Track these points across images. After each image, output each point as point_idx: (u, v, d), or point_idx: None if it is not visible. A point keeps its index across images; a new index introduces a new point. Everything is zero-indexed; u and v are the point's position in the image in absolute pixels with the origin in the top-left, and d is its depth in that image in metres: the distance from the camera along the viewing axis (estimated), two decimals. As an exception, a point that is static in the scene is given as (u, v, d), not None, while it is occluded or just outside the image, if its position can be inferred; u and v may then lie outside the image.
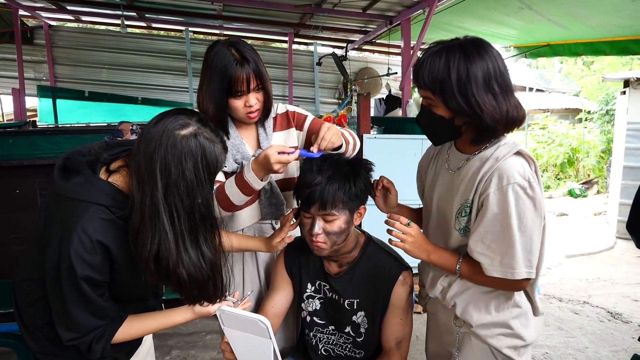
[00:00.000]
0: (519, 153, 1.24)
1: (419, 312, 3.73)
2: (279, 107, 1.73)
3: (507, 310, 1.34)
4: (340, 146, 1.50)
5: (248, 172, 1.43)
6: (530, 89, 11.69)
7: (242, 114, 1.54)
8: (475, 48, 1.19)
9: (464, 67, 1.16)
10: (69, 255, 1.08)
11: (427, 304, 1.59)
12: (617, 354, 3.15)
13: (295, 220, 1.51)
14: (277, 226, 1.71)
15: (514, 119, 1.21)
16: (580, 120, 11.38)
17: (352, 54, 7.68)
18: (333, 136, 1.43)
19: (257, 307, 1.69)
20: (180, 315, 1.34)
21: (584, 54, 5.23)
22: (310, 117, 1.73)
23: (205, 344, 3.28)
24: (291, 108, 1.75)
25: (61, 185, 1.18)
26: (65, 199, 1.16)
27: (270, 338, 1.21)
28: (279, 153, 1.37)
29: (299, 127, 1.72)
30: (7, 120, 8.30)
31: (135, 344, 1.38)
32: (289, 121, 1.72)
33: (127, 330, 1.25)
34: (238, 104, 1.51)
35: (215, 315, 1.32)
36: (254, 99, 1.52)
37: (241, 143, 1.61)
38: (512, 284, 1.26)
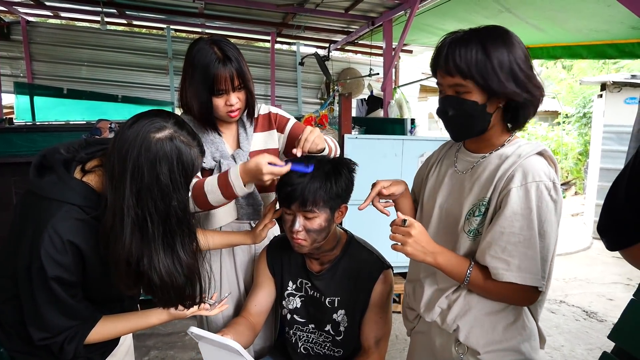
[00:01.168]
0: (541, 153, 1.18)
1: (399, 312, 3.76)
2: (261, 108, 1.71)
3: (516, 333, 1.22)
4: (323, 149, 1.50)
5: (236, 177, 1.39)
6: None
7: (222, 113, 1.53)
8: (505, 32, 1.16)
9: (502, 48, 1.11)
10: (39, 255, 1.07)
11: (415, 327, 1.48)
12: (592, 352, 3.22)
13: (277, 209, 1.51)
14: (255, 226, 1.70)
15: (540, 101, 1.18)
16: (558, 123, 11.60)
17: (334, 54, 7.70)
18: (316, 138, 1.43)
19: (238, 307, 1.68)
20: (155, 316, 1.33)
21: (562, 57, 5.32)
22: (292, 121, 1.73)
23: (184, 344, 3.25)
24: (274, 110, 1.74)
25: (35, 182, 1.16)
26: (38, 197, 1.14)
27: (243, 356, 1.20)
28: (270, 164, 1.35)
29: (280, 130, 1.71)
30: (-18, 118, 8.13)
31: (111, 344, 1.35)
32: (270, 123, 1.71)
33: (100, 330, 1.23)
34: (219, 102, 1.50)
35: (192, 315, 1.31)
36: (235, 98, 1.51)
37: (221, 142, 1.60)
38: (524, 294, 1.16)
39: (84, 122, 5.66)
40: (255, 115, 1.68)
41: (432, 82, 11.52)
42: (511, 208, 1.11)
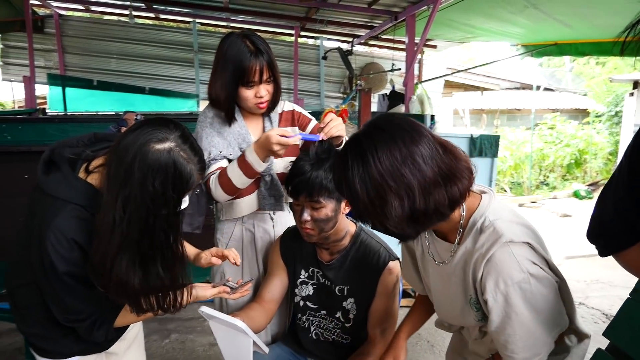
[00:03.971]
0: (505, 244, 1.06)
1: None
2: (285, 105, 1.79)
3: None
4: (342, 139, 1.56)
5: (250, 153, 1.50)
6: (538, 88, 11.61)
7: (251, 104, 1.60)
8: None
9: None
10: (47, 252, 1.09)
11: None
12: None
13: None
14: (275, 216, 1.77)
15: (464, 177, 1.07)
16: (588, 122, 11.31)
17: (358, 48, 7.68)
18: (338, 124, 1.51)
19: (255, 292, 1.76)
20: None
21: (590, 54, 5.20)
22: (313, 122, 1.80)
23: (203, 329, 3.35)
24: (297, 109, 1.81)
25: (42, 179, 1.17)
26: (44, 193, 1.16)
27: (250, 336, 1.27)
28: (280, 136, 1.43)
29: (302, 129, 1.79)
30: (18, 107, 8.44)
31: (121, 328, 1.37)
32: (293, 120, 1.78)
33: (127, 315, 1.26)
34: (249, 94, 1.57)
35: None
36: (265, 90, 1.58)
37: (247, 133, 1.67)
38: None
39: (113, 113, 5.83)
40: (280, 111, 1.75)
41: (457, 78, 11.31)
42: (498, 318, 1.07)
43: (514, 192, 9.88)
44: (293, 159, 1.64)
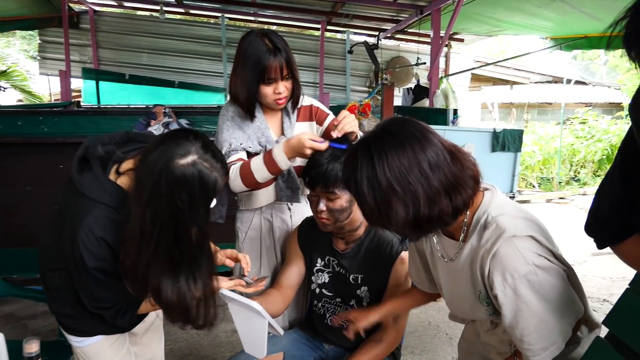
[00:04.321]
0: (509, 239, 1.07)
1: (435, 300, 3.81)
2: (304, 100, 1.83)
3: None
4: (356, 134, 1.62)
5: (279, 152, 1.55)
6: (569, 81, 11.30)
7: (270, 100, 1.66)
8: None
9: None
10: (78, 248, 1.16)
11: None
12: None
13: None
14: (292, 207, 1.85)
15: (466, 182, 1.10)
16: (620, 117, 10.95)
17: (384, 42, 7.66)
18: (351, 121, 1.57)
19: (273, 280, 1.84)
20: None
21: (621, 48, 5.06)
22: (331, 116, 1.84)
23: (226, 316, 3.41)
24: (315, 103, 1.85)
25: (75, 177, 1.23)
26: (77, 191, 1.21)
27: (265, 318, 1.34)
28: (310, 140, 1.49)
29: (319, 123, 1.84)
30: (54, 100, 8.79)
31: (141, 315, 1.45)
32: (311, 115, 1.83)
33: (148, 304, 1.35)
34: (268, 90, 1.63)
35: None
36: (283, 87, 1.63)
37: (266, 128, 1.73)
38: None
39: (144, 106, 6.00)
40: (299, 106, 1.80)
41: (486, 72, 11.04)
42: (510, 313, 1.08)
43: (542, 188, 9.69)
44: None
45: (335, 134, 1.54)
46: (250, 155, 1.71)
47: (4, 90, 8.13)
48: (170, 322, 1.24)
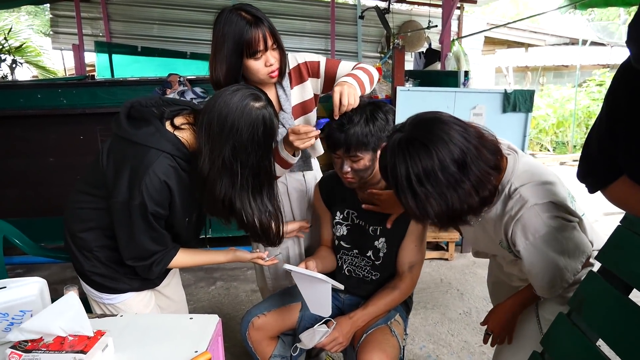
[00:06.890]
0: (532, 207, 1.26)
1: (446, 259, 3.92)
2: (289, 61, 1.72)
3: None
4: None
5: (282, 150, 1.63)
6: (585, 42, 11.00)
7: (263, 75, 1.58)
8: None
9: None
10: (142, 193, 1.30)
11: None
12: None
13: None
14: (308, 176, 1.95)
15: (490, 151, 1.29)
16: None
17: (395, 6, 7.54)
18: (349, 98, 1.50)
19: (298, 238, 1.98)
20: (223, 256, 1.63)
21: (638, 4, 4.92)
22: (323, 61, 1.76)
23: (245, 277, 3.62)
24: (300, 59, 1.75)
25: (130, 131, 1.36)
26: (134, 144, 1.35)
27: (327, 282, 1.50)
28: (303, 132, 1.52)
29: (315, 75, 1.76)
30: (68, 75, 8.88)
31: (167, 270, 1.63)
32: (301, 74, 1.75)
33: (179, 259, 1.50)
34: (258, 65, 1.55)
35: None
36: (273, 58, 1.56)
37: None
38: None
39: (157, 78, 6.05)
40: (287, 71, 1.71)
41: (500, 34, 10.76)
42: (529, 261, 1.30)
43: (557, 151, 9.62)
44: (314, 117, 1.80)
45: (337, 117, 1.54)
46: None
47: (21, 65, 8.24)
48: (254, 240, 1.63)
